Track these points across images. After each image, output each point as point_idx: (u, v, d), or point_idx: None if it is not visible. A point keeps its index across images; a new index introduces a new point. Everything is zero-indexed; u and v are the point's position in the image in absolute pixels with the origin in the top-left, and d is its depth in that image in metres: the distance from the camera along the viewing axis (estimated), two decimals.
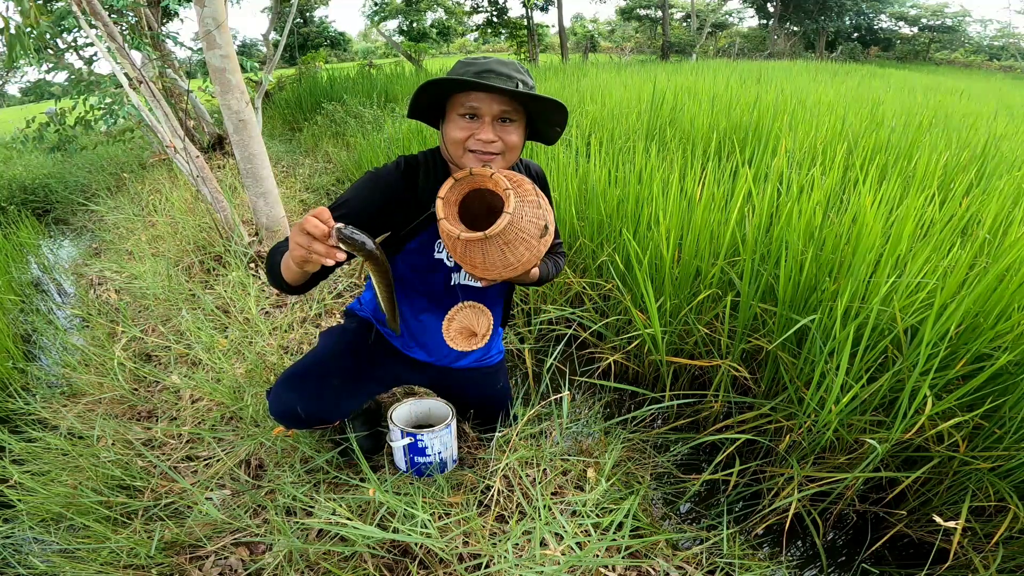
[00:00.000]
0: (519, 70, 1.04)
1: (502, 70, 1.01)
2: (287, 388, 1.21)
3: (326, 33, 19.40)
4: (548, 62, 13.93)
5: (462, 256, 1.00)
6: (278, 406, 1.21)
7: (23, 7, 2.03)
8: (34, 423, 1.68)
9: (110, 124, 3.80)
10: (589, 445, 1.56)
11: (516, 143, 1.06)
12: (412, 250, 1.17)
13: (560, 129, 1.12)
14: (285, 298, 2.39)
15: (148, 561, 1.20)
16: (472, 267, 1.02)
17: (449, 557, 1.14)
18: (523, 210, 0.97)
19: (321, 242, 0.79)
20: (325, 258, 0.80)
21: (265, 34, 6.90)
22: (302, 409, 1.19)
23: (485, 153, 1.03)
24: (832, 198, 2.08)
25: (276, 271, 1.00)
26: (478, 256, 0.99)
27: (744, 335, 1.77)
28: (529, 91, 1.01)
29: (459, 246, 0.98)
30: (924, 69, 18.94)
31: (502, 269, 1.00)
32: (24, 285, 3.02)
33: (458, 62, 1.06)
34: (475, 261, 1.00)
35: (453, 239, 0.97)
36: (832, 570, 1.42)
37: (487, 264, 0.99)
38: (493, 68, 1.01)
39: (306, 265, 0.83)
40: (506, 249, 0.97)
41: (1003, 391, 1.34)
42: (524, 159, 1.29)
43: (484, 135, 1.02)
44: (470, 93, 1.01)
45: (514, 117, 1.04)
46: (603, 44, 27.23)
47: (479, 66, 1.02)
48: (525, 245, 0.98)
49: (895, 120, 3.90)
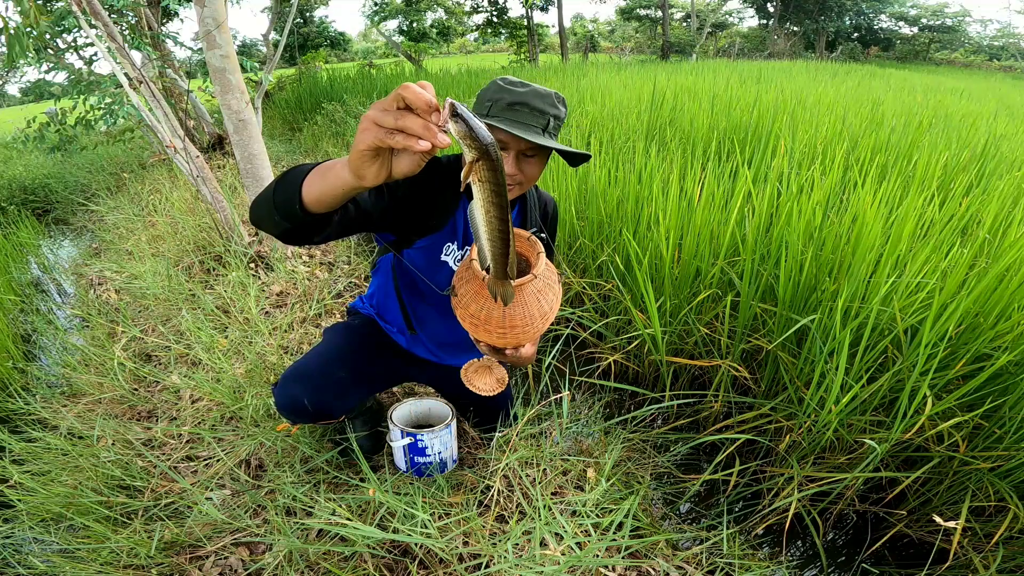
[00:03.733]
0: (554, 103, 1.01)
1: (536, 104, 0.99)
2: (293, 380, 1.22)
3: (326, 33, 19.40)
4: (548, 62, 13.94)
5: (472, 301, 0.98)
6: (284, 399, 1.22)
7: (23, 7, 2.03)
8: (34, 423, 1.68)
9: (110, 124, 3.80)
10: (589, 445, 1.56)
11: (535, 175, 1.08)
12: (421, 247, 1.17)
13: (583, 162, 1.12)
14: (285, 298, 2.39)
15: (148, 561, 1.20)
16: (475, 320, 0.99)
17: (449, 557, 1.14)
18: (546, 280, 0.98)
19: (419, 117, 0.56)
20: (419, 140, 0.56)
21: (265, 34, 6.90)
22: (308, 401, 1.19)
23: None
24: (832, 198, 2.08)
25: (289, 186, 0.73)
26: (483, 308, 0.96)
27: (744, 335, 1.77)
28: (559, 124, 1.01)
29: (474, 287, 0.97)
30: (924, 69, 18.94)
31: (505, 329, 0.97)
32: (24, 285, 3.02)
33: (494, 83, 1.03)
34: (479, 312, 0.97)
35: (475, 277, 0.95)
36: (832, 570, 1.42)
37: (490, 318, 0.96)
38: (527, 101, 0.99)
39: (374, 160, 0.60)
40: (516, 307, 0.94)
41: (1003, 391, 1.34)
42: (542, 192, 1.31)
43: (507, 168, 1.01)
44: (498, 128, 0.99)
45: (537, 152, 1.05)
46: (603, 44, 27.25)
47: (514, 95, 0.99)
48: (538, 310, 0.97)
49: (895, 120, 3.90)
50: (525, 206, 1.24)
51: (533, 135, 0.97)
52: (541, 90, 1.01)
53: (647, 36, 25.59)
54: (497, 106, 1.00)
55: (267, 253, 2.70)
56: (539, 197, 1.29)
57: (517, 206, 1.23)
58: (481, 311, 0.96)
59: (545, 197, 1.31)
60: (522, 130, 0.97)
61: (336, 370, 1.25)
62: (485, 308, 0.96)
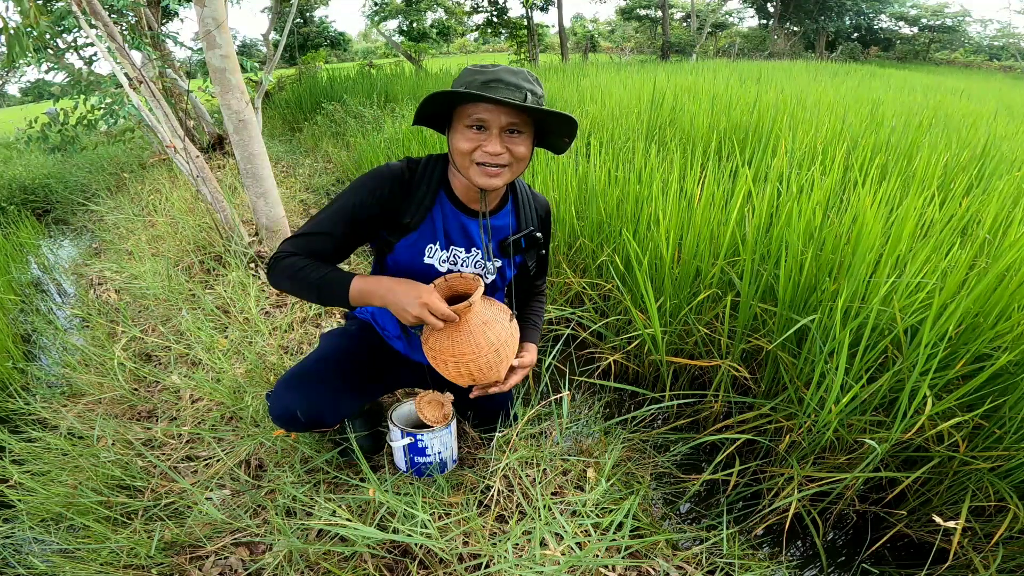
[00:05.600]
0: (528, 79, 1.00)
1: (511, 79, 0.98)
2: (288, 390, 1.21)
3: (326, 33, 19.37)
4: (548, 62, 13.94)
5: (430, 335, 1.12)
6: (278, 409, 1.21)
7: (23, 7, 2.02)
8: (34, 423, 1.68)
9: (110, 124, 3.80)
10: (589, 445, 1.56)
11: (524, 154, 1.04)
12: (403, 248, 1.16)
13: (569, 140, 1.09)
14: (285, 298, 2.39)
15: (148, 561, 1.20)
16: (432, 353, 1.11)
17: (449, 557, 1.14)
18: (494, 315, 1.12)
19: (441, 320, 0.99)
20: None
21: (265, 34, 6.90)
22: (302, 412, 1.18)
23: (492, 165, 1.02)
24: (832, 198, 2.08)
25: (310, 280, 1.04)
26: (438, 340, 1.09)
27: (744, 335, 1.77)
28: (538, 101, 0.99)
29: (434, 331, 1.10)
30: (924, 69, 18.94)
31: (456, 356, 1.08)
32: (24, 285, 3.02)
33: (465, 69, 1.02)
34: (435, 345, 1.10)
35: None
36: (832, 570, 1.42)
37: (443, 348, 1.09)
38: (501, 78, 0.98)
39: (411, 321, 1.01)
40: (462, 335, 1.07)
41: (1003, 391, 1.34)
42: (535, 192, 1.28)
43: (491, 147, 1.00)
44: (477, 104, 0.99)
45: (522, 129, 1.02)
46: (603, 44, 27.22)
47: (487, 75, 0.98)
48: (484, 339, 1.08)
49: (895, 120, 3.90)
50: (517, 201, 1.21)
51: (515, 97, 0.96)
52: (513, 68, 1.00)
53: (647, 36, 25.58)
54: (470, 88, 0.97)
55: (267, 253, 2.70)
56: (533, 196, 1.26)
57: (510, 201, 1.20)
58: (437, 343, 1.09)
59: (540, 198, 1.28)
60: (500, 95, 0.95)
61: (331, 379, 1.24)
62: (439, 340, 1.09)
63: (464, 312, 1.04)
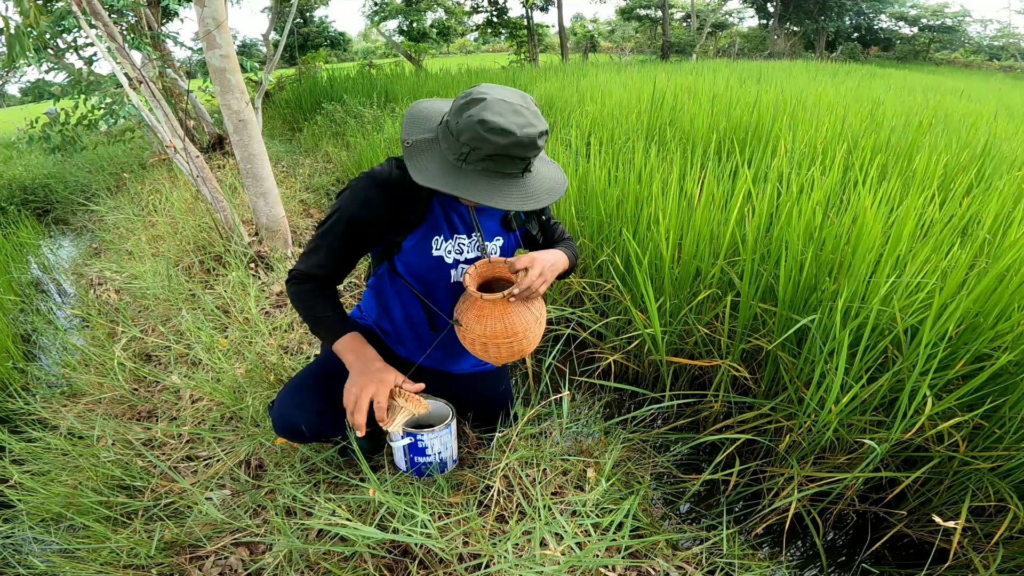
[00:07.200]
0: (535, 143, 0.93)
1: (518, 153, 0.93)
2: (291, 405, 1.21)
3: (326, 33, 19.37)
4: (548, 62, 13.93)
5: (476, 323, 1.13)
6: (282, 423, 1.21)
7: (23, 7, 2.02)
8: (34, 423, 1.68)
9: (111, 124, 3.80)
10: (589, 445, 1.56)
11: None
12: (409, 248, 1.16)
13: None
14: (285, 298, 2.39)
15: (148, 561, 1.20)
16: (483, 339, 1.12)
17: (449, 557, 1.14)
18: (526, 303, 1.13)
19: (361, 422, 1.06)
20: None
21: (265, 34, 6.91)
22: (307, 428, 1.19)
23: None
24: (832, 198, 2.08)
25: (309, 315, 1.18)
26: (487, 327, 1.11)
27: (744, 335, 1.77)
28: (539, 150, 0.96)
29: (474, 307, 1.12)
30: (924, 69, 18.94)
31: (511, 338, 1.11)
32: (24, 285, 3.02)
33: (474, 120, 0.92)
34: (484, 331, 1.11)
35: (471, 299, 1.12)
36: (832, 570, 1.42)
37: (496, 333, 1.11)
38: (510, 153, 0.93)
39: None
40: (515, 316, 1.10)
41: (1003, 391, 1.34)
42: None
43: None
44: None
45: None
46: (603, 44, 27.23)
47: (495, 147, 0.91)
48: (532, 316, 1.13)
49: (895, 120, 3.90)
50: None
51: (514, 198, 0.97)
52: (525, 137, 0.92)
53: (647, 36, 25.60)
54: (475, 155, 0.95)
55: (267, 253, 2.70)
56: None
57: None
58: (486, 330, 1.10)
59: None
60: (501, 197, 0.96)
61: (335, 392, 1.22)
62: (489, 326, 1.10)
63: (497, 302, 1.09)
